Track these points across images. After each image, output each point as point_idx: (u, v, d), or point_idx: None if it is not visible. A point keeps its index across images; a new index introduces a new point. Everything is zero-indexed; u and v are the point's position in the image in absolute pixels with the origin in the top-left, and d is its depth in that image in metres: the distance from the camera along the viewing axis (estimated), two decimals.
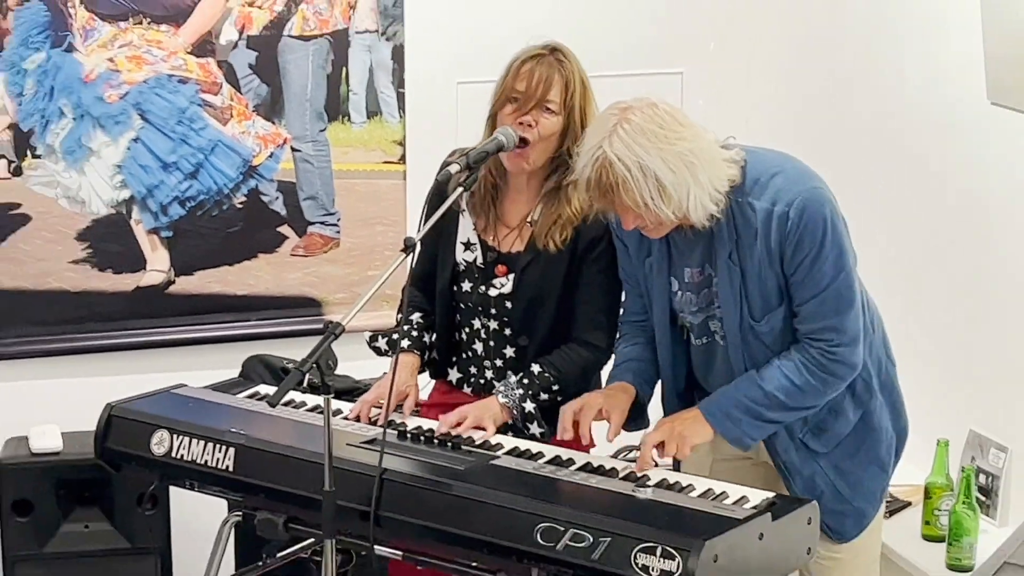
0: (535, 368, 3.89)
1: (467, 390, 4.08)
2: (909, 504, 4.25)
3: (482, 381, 4.06)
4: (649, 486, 3.55)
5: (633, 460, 3.70)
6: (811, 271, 3.52)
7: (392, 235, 4.96)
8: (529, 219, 3.93)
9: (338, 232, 5.02)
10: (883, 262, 4.17)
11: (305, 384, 3.69)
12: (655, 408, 3.91)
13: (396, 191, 5.01)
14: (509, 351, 4.02)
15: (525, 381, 3.87)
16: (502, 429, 3.85)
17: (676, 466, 3.80)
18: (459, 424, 3.79)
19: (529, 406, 3.85)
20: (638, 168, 3.37)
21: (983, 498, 4.14)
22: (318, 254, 5.03)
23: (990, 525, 4.09)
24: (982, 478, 4.16)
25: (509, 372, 3.96)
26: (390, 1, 4.91)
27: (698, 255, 3.64)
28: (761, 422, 3.61)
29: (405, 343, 4.02)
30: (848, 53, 4.79)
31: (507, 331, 4.01)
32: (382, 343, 4.07)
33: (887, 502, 3.97)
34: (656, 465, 3.66)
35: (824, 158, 3.85)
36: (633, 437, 3.80)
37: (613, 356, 3.94)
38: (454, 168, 3.80)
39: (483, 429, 3.79)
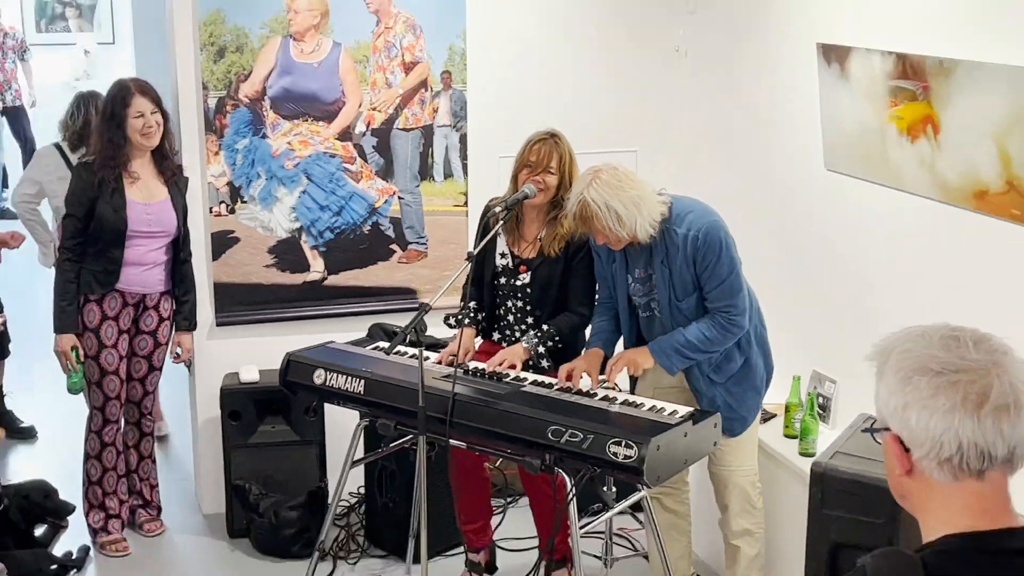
0: (545, 327, 3.96)
1: (504, 345, 4.10)
2: (775, 415, 4.23)
3: (513, 339, 4.09)
4: (617, 403, 3.61)
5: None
6: (713, 271, 3.59)
7: (459, 251, 4.94)
8: (539, 236, 4.00)
9: (426, 248, 5.01)
10: (758, 265, 4.16)
11: (407, 341, 3.75)
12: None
13: (461, 224, 5.00)
14: (529, 319, 4.06)
15: (539, 334, 3.94)
16: (525, 364, 3.90)
17: (632, 390, 3.86)
18: (500, 364, 3.85)
19: (541, 350, 3.91)
20: (604, 207, 3.46)
21: (821, 412, 4.13)
22: (414, 262, 5.01)
23: (825, 428, 4.07)
24: (820, 399, 4.15)
25: (529, 332, 4.01)
26: (458, 107, 4.91)
27: (643, 261, 3.70)
28: (682, 358, 3.67)
29: (466, 320, 4.07)
30: (738, 135, 4.77)
31: (528, 307, 4.05)
32: (452, 320, 4.12)
33: (761, 413, 3.98)
34: (617, 386, 3.74)
35: (721, 202, 3.87)
36: None
37: (591, 323, 3.99)
38: (497, 209, 3.88)
39: (514, 367, 3.86)
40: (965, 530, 1.50)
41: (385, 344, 4.17)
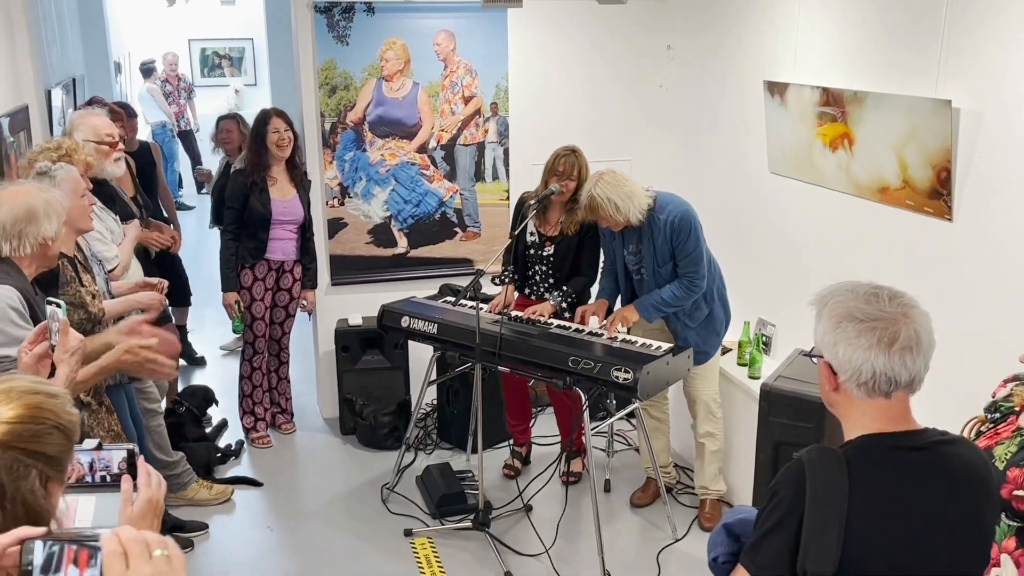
0: (565, 287, 3.93)
1: (533, 298, 4.08)
2: (732, 349, 4.23)
3: (539, 294, 4.06)
4: (617, 341, 3.59)
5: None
6: (684, 246, 3.55)
7: (502, 232, 4.90)
8: (560, 221, 3.96)
9: (480, 230, 4.98)
10: (721, 242, 4.12)
11: (467, 296, 3.76)
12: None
13: (504, 213, 4.94)
14: (551, 280, 4.03)
15: (561, 294, 3.91)
16: (552, 315, 3.89)
17: (628, 331, 3.85)
18: (534, 313, 3.84)
19: (564, 305, 3.90)
20: (606, 199, 3.43)
21: (765, 347, 4.12)
22: (471, 240, 4.99)
23: (768, 359, 4.06)
24: (764, 338, 4.14)
25: (552, 290, 3.99)
26: (503, 129, 4.87)
27: (635, 239, 3.66)
28: (658, 311, 3.64)
29: (507, 279, 4.07)
30: (705, 147, 4.74)
31: (550, 272, 4.02)
32: (497, 280, 4.12)
33: (721, 349, 3.94)
34: (618, 330, 3.72)
35: (692, 196, 3.83)
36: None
37: (599, 283, 3.96)
38: (532, 202, 3.86)
39: (544, 315, 3.85)
40: (875, 431, 1.49)
41: (452, 298, 4.18)
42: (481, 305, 3.75)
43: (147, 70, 10.12)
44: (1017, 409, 2.13)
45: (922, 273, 3.18)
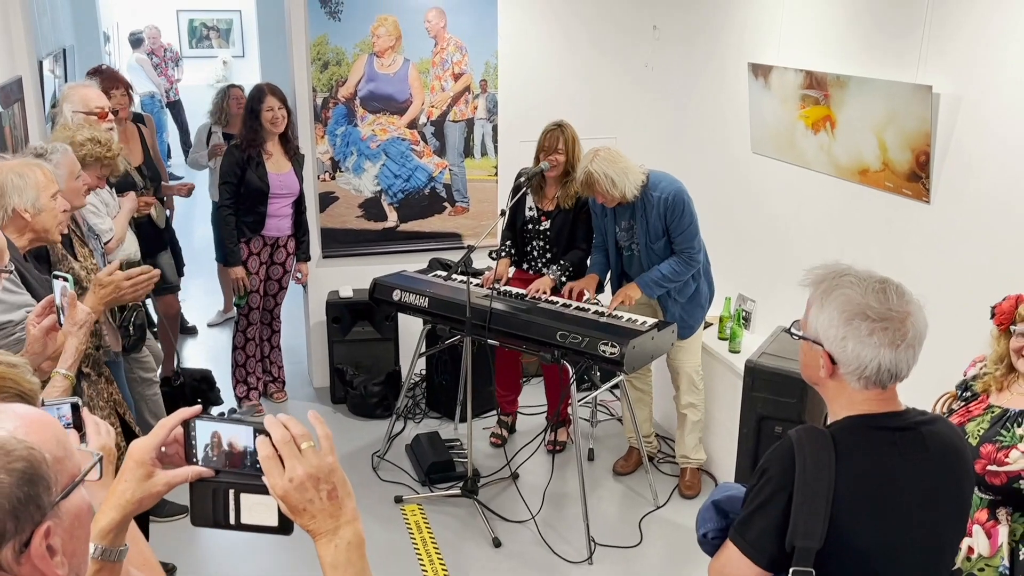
0: (562, 262, 3.93)
1: (531, 273, 4.08)
2: (713, 324, 4.25)
3: (537, 268, 4.07)
4: (604, 316, 3.60)
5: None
6: (678, 223, 3.55)
7: (491, 207, 4.91)
8: (556, 196, 3.95)
9: (468, 205, 4.96)
10: (703, 221, 4.14)
11: (457, 271, 3.75)
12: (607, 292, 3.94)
13: (493, 189, 4.93)
14: (548, 254, 4.03)
15: (559, 268, 3.91)
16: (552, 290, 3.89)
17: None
18: (536, 291, 3.81)
19: (563, 278, 3.89)
20: (603, 175, 3.42)
21: (745, 322, 4.14)
22: (460, 215, 4.96)
23: (748, 334, 4.09)
24: (744, 313, 4.16)
25: (551, 264, 3.99)
26: (491, 105, 4.84)
27: (627, 215, 3.66)
28: (659, 286, 3.64)
29: (503, 254, 4.06)
30: (689, 126, 4.74)
31: (547, 246, 4.02)
32: (493, 254, 4.11)
33: (704, 323, 3.96)
34: (599, 302, 3.72)
35: (677, 175, 3.83)
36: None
37: (590, 258, 3.94)
38: (522, 180, 3.84)
39: (545, 291, 3.80)
40: (862, 412, 1.51)
41: (443, 272, 4.17)
42: (473, 280, 3.74)
43: (136, 41, 9.94)
44: (981, 396, 2.18)
45: (900, 253, 3.21)
